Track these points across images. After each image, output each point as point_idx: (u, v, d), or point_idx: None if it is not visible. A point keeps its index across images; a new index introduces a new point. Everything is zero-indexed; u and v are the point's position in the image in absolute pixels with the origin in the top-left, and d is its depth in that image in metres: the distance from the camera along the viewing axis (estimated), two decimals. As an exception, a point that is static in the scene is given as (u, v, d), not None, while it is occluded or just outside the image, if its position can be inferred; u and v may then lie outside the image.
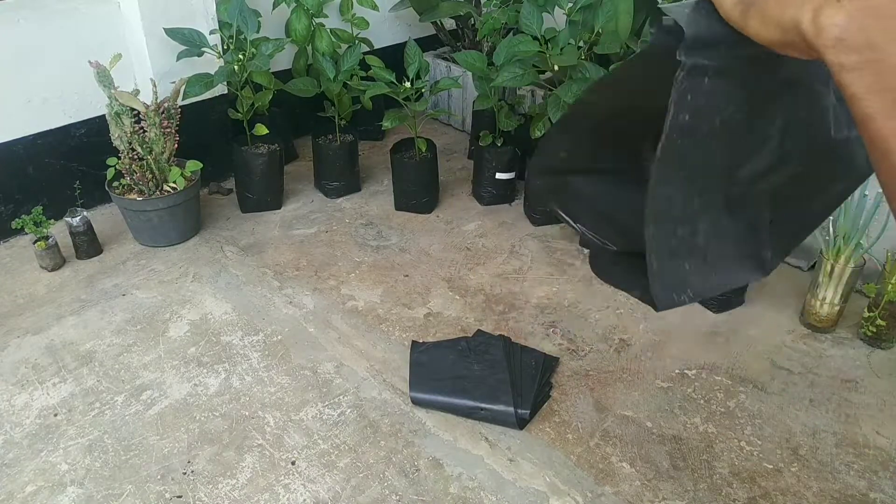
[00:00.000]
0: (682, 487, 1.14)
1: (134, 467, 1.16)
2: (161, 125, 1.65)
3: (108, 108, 1.60)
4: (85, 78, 1.58)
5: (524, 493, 1.12)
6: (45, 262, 1.65)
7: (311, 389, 1.33)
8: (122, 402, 1.29)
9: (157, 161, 1.68)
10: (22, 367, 1.37)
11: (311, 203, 2.01)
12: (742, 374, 1.37)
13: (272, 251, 1.78)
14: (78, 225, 1.66)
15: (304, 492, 1.12)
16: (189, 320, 1.51)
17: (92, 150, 1.83)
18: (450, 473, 1.15)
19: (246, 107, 1.84)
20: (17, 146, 1.73)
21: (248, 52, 1.77)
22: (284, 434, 1.23)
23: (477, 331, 1.46)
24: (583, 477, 1.15)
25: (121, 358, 1.40)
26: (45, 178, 1.80)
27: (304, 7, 1.98)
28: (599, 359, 1.41)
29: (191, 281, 1.65)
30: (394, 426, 1.24)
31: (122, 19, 1.80)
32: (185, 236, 1.80)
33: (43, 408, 1.27)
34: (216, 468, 1.16)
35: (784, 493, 1.13)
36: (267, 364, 1.39)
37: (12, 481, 1.13)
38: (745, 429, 1.25)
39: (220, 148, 1.96)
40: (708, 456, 1.20)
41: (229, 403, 1.29)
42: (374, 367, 1.38)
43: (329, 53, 1.98)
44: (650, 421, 1.27)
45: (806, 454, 1.20)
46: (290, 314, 1.54)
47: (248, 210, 1.94)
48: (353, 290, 1.62)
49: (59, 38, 1.72)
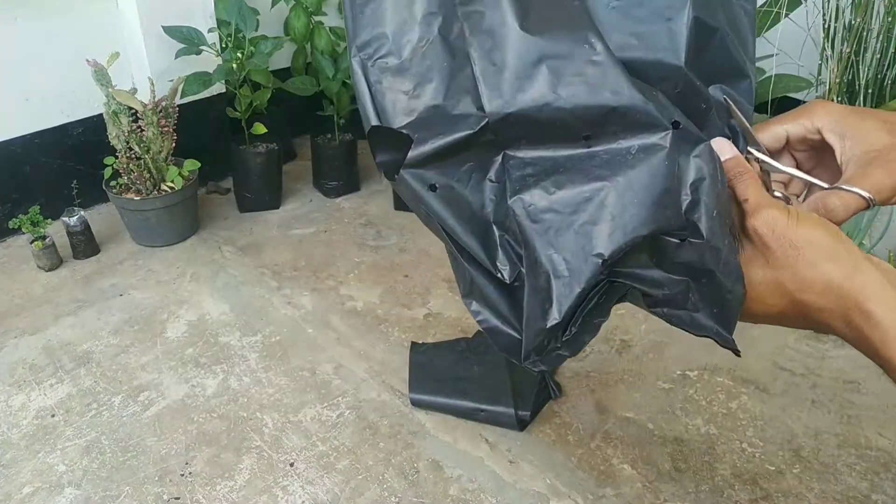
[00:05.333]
0: (684, 489, 1.13)
1: (131, 468, 1.15)
2: (159, 124, 1.64)
3: (106, 106, 1.59)
4: (83, 76, 1.57)
5: (524, 494, 1.11)
6: (43, 262, 1.64)
7: (309, 390, 1.32)
8: (120, 402, 1.28)
9: (154, 160, 1.67)
10: (19, 367, 1.36)
11: (310, 203, 2.00)
12: (744, 376, 1.36)
13: (270, 251, 1.77)
14: (75, 225, 1.65)
15: (303, 493, 1.11)
16: (187, 321, 1.50)
17: (89, 150, 1.82)
18: (449, 475, 1.15)
19: (244, 106, 1.83)
20: (14, 145, 1.73)
21: (246, 51, 1.76)
22: (283, 435, 1.22)
23: (477, 331, 1.45)
24: (583, 479, 1.14)
25: (118, 358, 1.39)
26: (42, 177, 1.79)
27: (302, 5, 1.97)
28: (600, 360, 1.41)
29: (188, 281, 1.64)
30: (393, 427, 1.24)
31: (120, 17, 1.79)
32: (182, 236, 1.79)
33: (40, 408, 1.27)
34: (214, 470, 1.15)
35: (786, 494, 1.12)
36: (265, 365, 1.38)
37: (10, 482, 1.12)
38: (746, 430, 1.25)
39: (218, 147, 1.95)
40: (709, 457, 1.19)
41: (227, 405, 1.28)
42: (373, 368, 1.38)
43: (328, 52, 1.97)
44: (651, 422, 1.26)
45: (808, 456, 1.19)
46: (288, 315, 1.53)
47: (246, 210, 1.94)
48: (352, 291, 1.61)
49: (56, 36, 1.71)
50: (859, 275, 0.44)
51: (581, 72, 0.45)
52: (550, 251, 0.47)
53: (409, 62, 0.48)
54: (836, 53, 1.48)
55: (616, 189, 0.46)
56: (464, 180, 0.49)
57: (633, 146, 0.46)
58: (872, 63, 1.45)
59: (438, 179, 0.48)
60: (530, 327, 0.48)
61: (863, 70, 1.46)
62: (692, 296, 0.48)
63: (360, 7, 0.50)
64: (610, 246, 0.46)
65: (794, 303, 0.46)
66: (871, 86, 1.46)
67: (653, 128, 0.45)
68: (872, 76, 1.46)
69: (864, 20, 1.42)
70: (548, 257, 0.47)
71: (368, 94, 0.49)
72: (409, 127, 0.48)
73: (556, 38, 0.46)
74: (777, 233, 0.45)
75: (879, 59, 1.45)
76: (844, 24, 1.46)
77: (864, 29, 1.43)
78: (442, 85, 0.48)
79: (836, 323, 0.45)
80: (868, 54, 1.45)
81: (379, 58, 0.49)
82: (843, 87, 1.51)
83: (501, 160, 0.49)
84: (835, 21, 1.47)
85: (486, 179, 0.50)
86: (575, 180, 0.47)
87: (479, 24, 0.47)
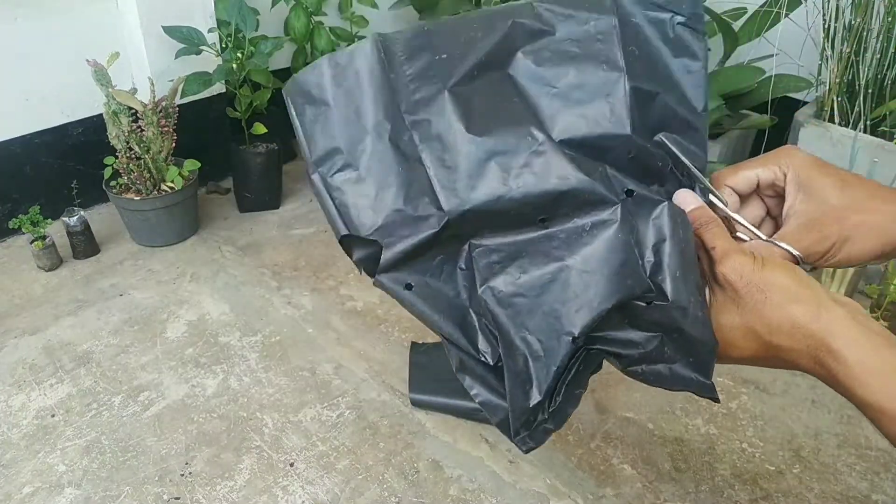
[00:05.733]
0: (684, 489, 1.13)
1: (132, 468, 1.15)
2: (159, 124, 1.64)
3: (106, 106, 1.59)
4: (83, 76, 1.57)
5: (524, 495, 1.11)
6: (43, 262, 1.64)
7: (309, 391, 1.32)
8: (120, 403, 1.28)
9: (154, 160, 1.67)
10: (19, 367, 1.36)
11: (310, 202, 2.00)
12: (744, 376, 1.36)
13: (270, 251, 1.77)
14: (75, 225, 1.65)
15: (303, 493, 1.11)
16: (187, 321, 1.50)
17: (89, 150, 1.82)
18: (449, 475, 1.15)
19: (244, 106, 1.83)
20: (14, 145, 1.73)
21: (246, 51, 1.76)
22: (283, 435, 1.22)
23: (477, 331, 1.45)
24: (583, 479, 1.14)
25: (118, 359, 1.39)
26: (42, 177, 1.79)
27: (302, 5, 1.97)
28: (600, 359, 1.41)
29: (188, 281, 1.64)
30: (393, 428, 1.24)
31: (120, 17, 1.79)
32: (182, 236, 1.79)
33: (40, 408, 1.27)
34: (214, 470, 1.15)
35: (786, 494, 1.13)
36: (265, 365, 1.38)
37: (10, 482, 1.12)
38: (746, 430, 1.25)
39: (218, 147, 1.95)
40: (710, 458, 1.19)
41: (227, 405, 1.28)
42: (373, 368, 1.38)
43: (328, 52, 1.97)
44: (651, 422, 1.26)
45: (808, 456, 1.20)
46: (288, 315, 1.53)
47: (246, 210, 1.94)
48: (353, 291, 1.61)
49: (56, 36, 1.70)
50: (824, 313, 0.45)
51: (528, 163, 0.48)
52: (524, 333, 0.50)
53: (366, 172, 0.51)
54: (836, 53, 1.48)
55: (575, 267, 0.49)
56: (436, 274, 0.52)
57: (586, 224, 0.49)
58: (872, 63, 1.45)
59: (412, 278, 0.51)
60: (514, 407, 0.50)
61: (863, 70, 1.46)
62: (667, 349, 0.50)
63: (310, 125, 0.53)
64: (579, 323, 0.49)
65: (765, 345, 0.47)
66: (871, 86, 1.46)
67: (601, 204, 0.48)
68: (872, 76, 1.46)
69: (864, 20, 1.42)
70: (522, 339, 0.49)
71: (333, 206, 0.52)
72: (376, 234, 0.50)
73: (500, 135, 0.49)
74: (745, 278, 0.47)
75: (879, 59, 1.45)
76: (844, 24, 1.46)
77: (864, 29, 1.43)
78: (401, 189, 0.50)
79: (806, 363, 0.47)
80: (868, 54, 1.45)
81: (337, 171, 0.52)
82: (843, 87, 1.51)
83: (468, 249, 0.51)
84: (835, 21, 1.47)
85: (457, 268, 0.52)
86: (537, 263, 0.50)
87: (427, 130, 0.50)
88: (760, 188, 0.56)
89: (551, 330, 0.49)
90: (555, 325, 0.49)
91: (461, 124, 0.49)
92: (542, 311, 0.49)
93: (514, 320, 0.49)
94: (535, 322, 0.49)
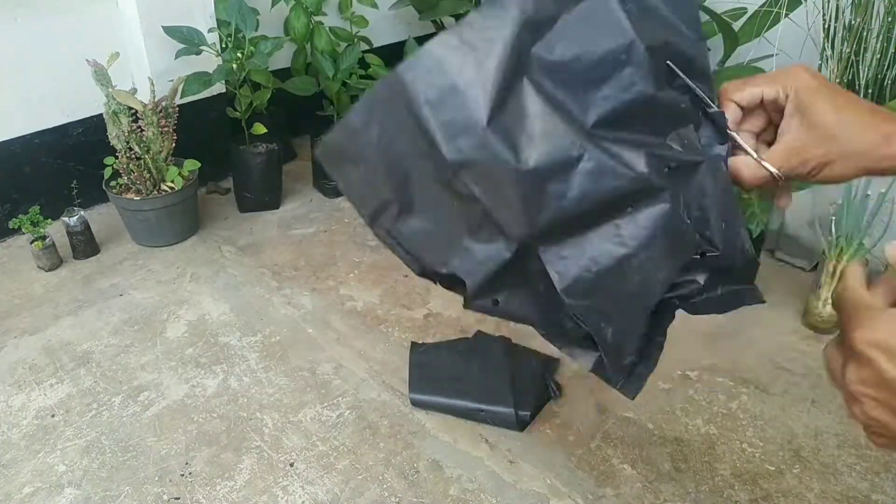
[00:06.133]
0: (684, 489, 1.13)
1: (131, 468, 1.15)
2: (159, 124, 1.64)
3: (106, 106, 1.59)
4: (83, 76, 1.57)
5: (524, 495, 1.11)
6: (43, 262, 1.64)
7: (309, 391, 1.32)
8: (120, 403, 1.28)
9: (154, 160, 1.67)
10: (19, 367, 1.36)
11: (310, 203, 2.00)
12: (744, 376, 1.36)
13: (270, 251, 1.77)
14: (75, 225, 1.65)
15: (303, 493, 1.11)
16: (187, 321, 1.50)
17: (89, 150, 1.82)
18: (449, 475, 1.15)
19: (244, 106, 1.83)
20: (14, 145, 1.73)
21: (246, 51, 1.76)
22: (283, 435, 1.22)
23: (477, 331, 1.45)
24: (583, 479, 1.14)
25: (118, 359, 1.39)
26: (42, 177, 1.79)
27: (302, 5, 1.97)
28: (600, 359, 1.40)
29: (188, 281, 1.64)
30: (393, 428, 1.24)
31: (120, 17, 1.79)
32: (182, 236, 1.79)
33: (40, 408, 1.27)
34: (214, 470, 1.15)
35: (786, 494, 1.12)
36: (265, 365, 1.38)
37: (10, 482, 1.12)
38: (746, 430, 1.25)
39: (218, 147, 1.95)
40: (709, 457, 1.19)
41: (227, 405, 1.28)
42: (373, 368, 1.38)
43: (328, 52, 1.97)
44: (651, 422, 1.26)
45: (808, 455, 1.19)
46: (288, 315, 1.53)
47: (246, 210, 1.94)
48: (352, 291, 1.61)
49: (56, 36, 1.71)
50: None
51: (578, 172, 0.50)
52: (607, 319, 0.54)
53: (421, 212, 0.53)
54: (836, 53, 1.48)
55: (639, 254, 0.53)
56: (517, 284, 0.55)
57: (642, 212, 0.53)
58: (872, 63, 1.45)
59: (497, 294, 0.56)
60: (613, 367, 0.56)
61: (863, 70, 1.46)
62: (719, 281, 0.57)
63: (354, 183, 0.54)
64: (653, 299, 0.54)
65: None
66: (871, 86, 1.46)
67: (652, 192, 0.52)
68: (872, 76, 1.46)
69: (864, 20, 1.42)
70: (606, 321, 0.54)
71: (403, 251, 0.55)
72: (452, 268, 0.54)
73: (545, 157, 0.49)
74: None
75: (879, 59, 1.45)
76: (844, 24, 1.46)
77: (864, 29, 1.43)
78: (461, 223, 0.52)
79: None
80: (868, 54, 1.45)
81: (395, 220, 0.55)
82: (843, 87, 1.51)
83: (540, 256, 0.53)
84: (835, 21, 1.47)
85: (534, 272, 0.54)
86: (605, 255, 0.53)
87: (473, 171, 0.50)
88: (765, 104, 0.57)
89: (630, 309, 0.54)
90: (633, 304, 0.54)
91: (510, 154, 0.48)
92: (618, 295, 0.53)
93: (595, 310, 0.53)
94: (615, 306, 0.54)
